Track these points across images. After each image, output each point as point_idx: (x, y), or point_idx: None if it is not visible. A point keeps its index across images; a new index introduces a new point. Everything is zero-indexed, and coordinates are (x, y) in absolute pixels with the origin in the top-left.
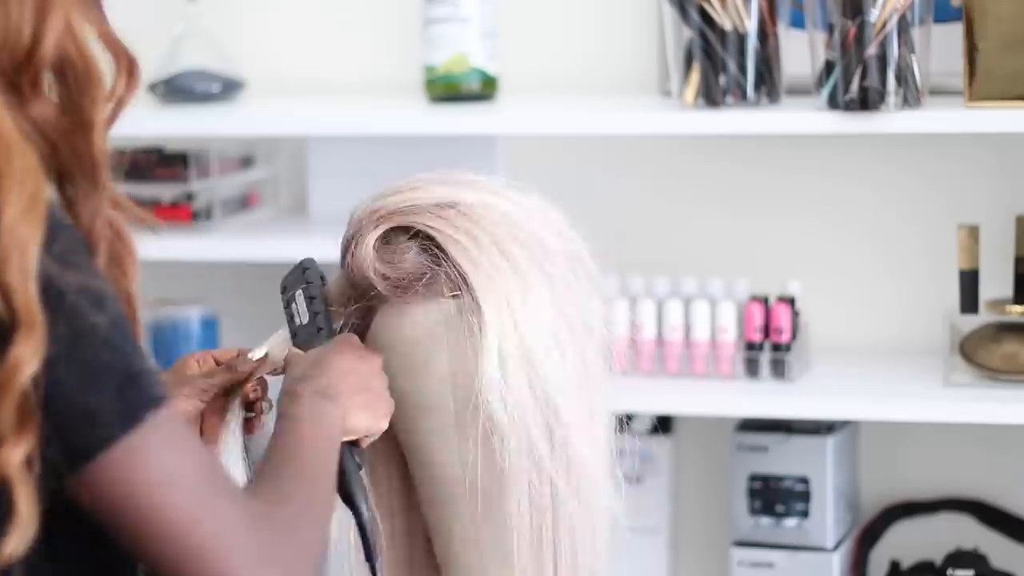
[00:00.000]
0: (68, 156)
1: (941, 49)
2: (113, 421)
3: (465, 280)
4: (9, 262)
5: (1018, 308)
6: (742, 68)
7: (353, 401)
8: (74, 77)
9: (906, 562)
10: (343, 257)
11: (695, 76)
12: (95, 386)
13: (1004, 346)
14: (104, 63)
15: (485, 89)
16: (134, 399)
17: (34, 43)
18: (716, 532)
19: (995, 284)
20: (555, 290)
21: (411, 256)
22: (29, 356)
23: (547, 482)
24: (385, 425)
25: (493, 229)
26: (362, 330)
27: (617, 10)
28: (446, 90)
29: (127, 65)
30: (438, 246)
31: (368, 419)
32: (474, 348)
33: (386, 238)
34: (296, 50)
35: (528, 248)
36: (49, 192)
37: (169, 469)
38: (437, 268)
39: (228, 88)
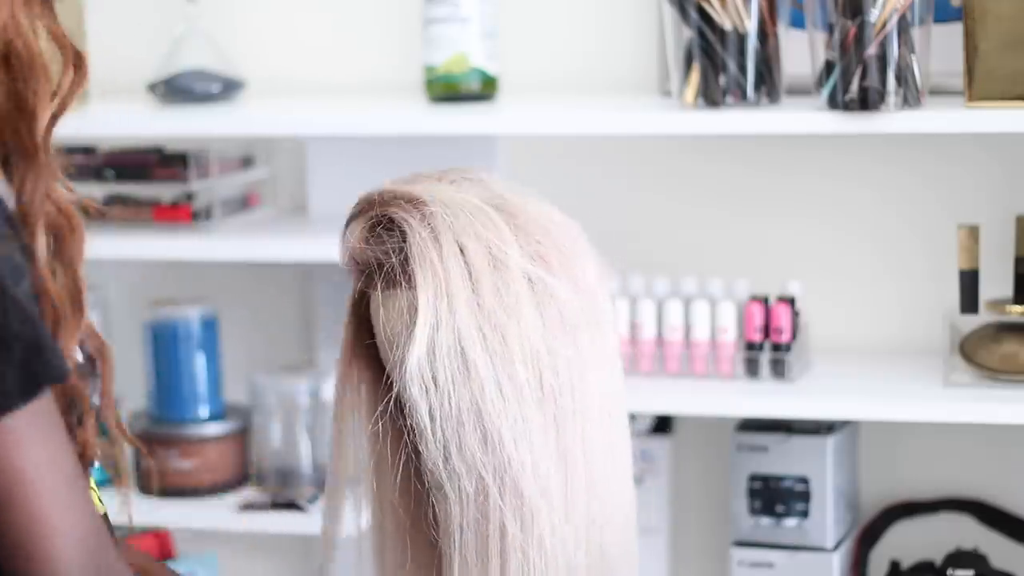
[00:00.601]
0: (11, 140)
1: (941, 49)
2: (14, 390)
3: (412, 273)
4: None
5: (1018, 308)
6: (742, 68)
7: None
8: (19, 68)
9: (906, 562)
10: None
11: (695, 76)
12: (4, 353)
13: (1004, 346)
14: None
15: (485, 89)
16: (40, 371)
17: None
18: (716, 532)
19: (995, 284)
20: (506, 299)
21: (384, 247)
22: None
23: (484, 491)
24: None
25: (462, 226)
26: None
27: (617, 10)
28: (446, 90)
29: (74, 60)
30: (405, 238)
31: None
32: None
33: (374, 228)
34: (296, 50)
35: (493, 254)
36: None
37: (49, 455)
38: (398, 260)
39: (228, 88)
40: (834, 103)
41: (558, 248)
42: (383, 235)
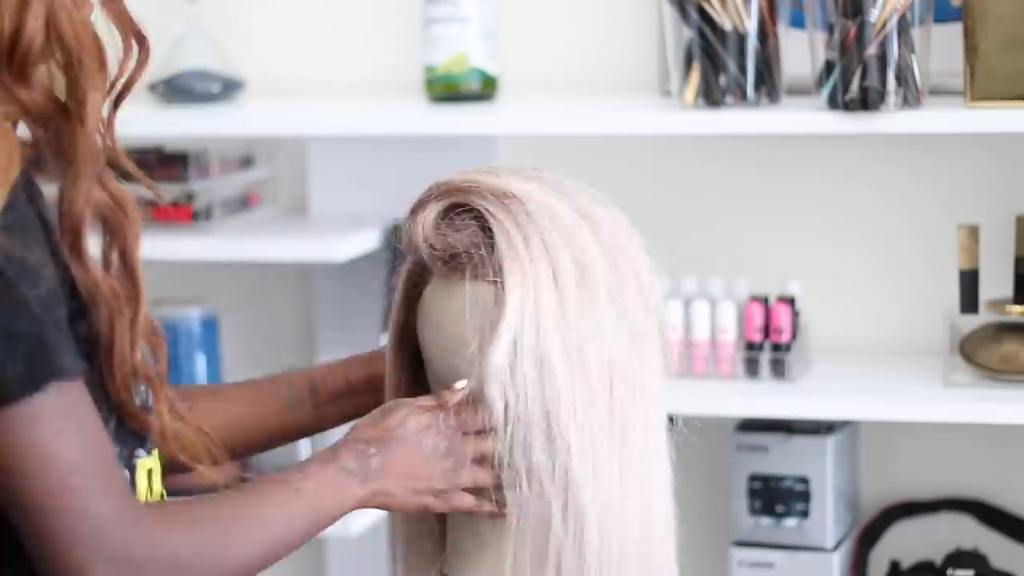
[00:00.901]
0: (57, 140)
1: (941, 49)
2: (15, 384)
3: (501, 268)
4: None
5: (1018, 308)
6: (742, 68)
7: (395, 485)
8: (70, 61)
9: (906, 562)
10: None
11: (695, 76)
12: (7, 347)
13: (1004, 346)
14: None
15: (485, 89)
16: (41, 367)
17: (16, 29)
18: (716, 532)
19: (995, 284)
20: (590, 310)
21: (464, 235)
22: None
23: (543, 495)
24: (418, 506)
25: (548, 231)
26: (414, 304)
27: (617, 10)
28: (446, 90)
29: (136, 41)
30: (491, 232)
31: (402, 500)
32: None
33: (447, 214)
34: (296, 50)
35: (578, 263)
36: (15, 170)
37: (53, 445)
38: (484, 253)
39: (228, 88)
40: (834, 103)
41: (630, 260)
42: (459, 223)
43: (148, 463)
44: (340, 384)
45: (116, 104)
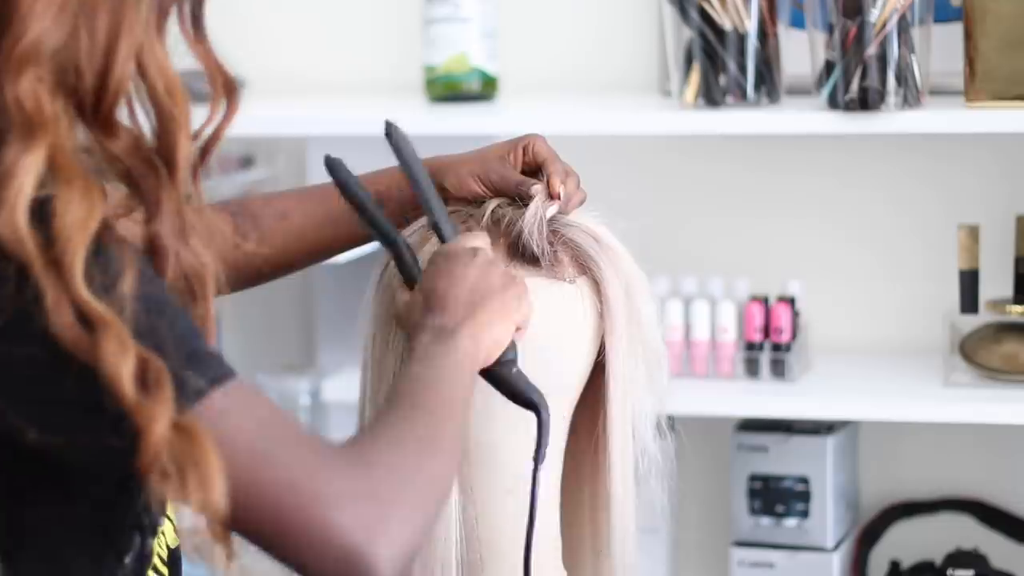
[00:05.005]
0: (144, 185)
1: (941, 49)
2: (203, 380)
3: (587, 264)
4: (65, 270)
5: (1018, 308)
6: (742, 68)
7: (479, 323)
8: (155, 107)
9: (906, 562)
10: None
11: (695, 76)
12: (186, 357)
13: (1004, 346)
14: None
15: (485, 89)
16: (194, 376)
17: (102, 75)
18: (716, 532)
19: (995, 284)
20: (631, 330)
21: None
22: (116, 353)
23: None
24: (523, 316)
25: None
26: None
27: (617, 10)
28: (446, 90)
29: (225, 88)
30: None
31: (500, 330)
32: (589, 324)
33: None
34: (296, 50)
35: (627, 286)
36: (95, 223)
37: (231, 430)
38: (563, 253)
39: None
40: (834, 103)
41: (642, 282)
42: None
43: (166, 527)
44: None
45: (203, 156)
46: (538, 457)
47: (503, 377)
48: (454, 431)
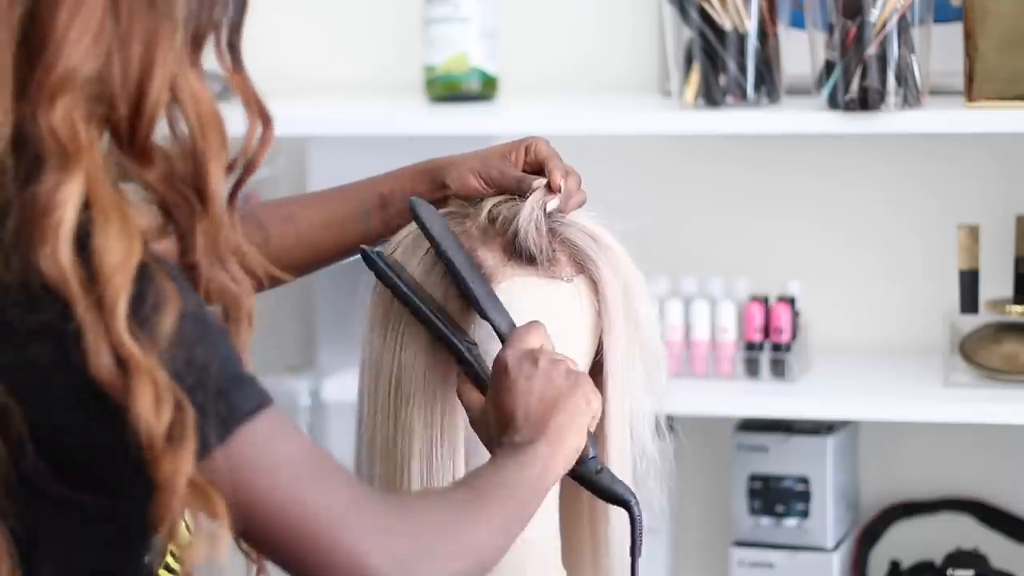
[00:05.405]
0: (177, 215)
1: (941, 49)
2: (242, 407)
3: (585, 263)
4: (110, 313)
5: (1018, 308)
6: (742, 68)
7: (553, 436)
8: (189, 137)
9: (906, 562)
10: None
11: (695, 76)
12: (201, 391)
13: (1004, 346)
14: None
15: (485, 89)
16: (239, 400)
17: (137, 103)
18: (716, 532)
19: (995, 284)
20: (631, 330)
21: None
22: (151, 405)
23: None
24: (594, 412)
25: (605, 255)
26: None
27: (617, 10)
28: (446, 90)
29: (260, 117)
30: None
31: (576, 438)
32: (587, 324)
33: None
34: (296, 50)
35: (626, 285)
36: (136, 258)
37: (272, 458)
38: (561, 252)
39: (228, 89)
40: (834, 103)
41: (640, 282)
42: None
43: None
44: (408, 197)
45: (237, 187)
46: (634, 551)
47: (588, 478)
48: (515, 515)
